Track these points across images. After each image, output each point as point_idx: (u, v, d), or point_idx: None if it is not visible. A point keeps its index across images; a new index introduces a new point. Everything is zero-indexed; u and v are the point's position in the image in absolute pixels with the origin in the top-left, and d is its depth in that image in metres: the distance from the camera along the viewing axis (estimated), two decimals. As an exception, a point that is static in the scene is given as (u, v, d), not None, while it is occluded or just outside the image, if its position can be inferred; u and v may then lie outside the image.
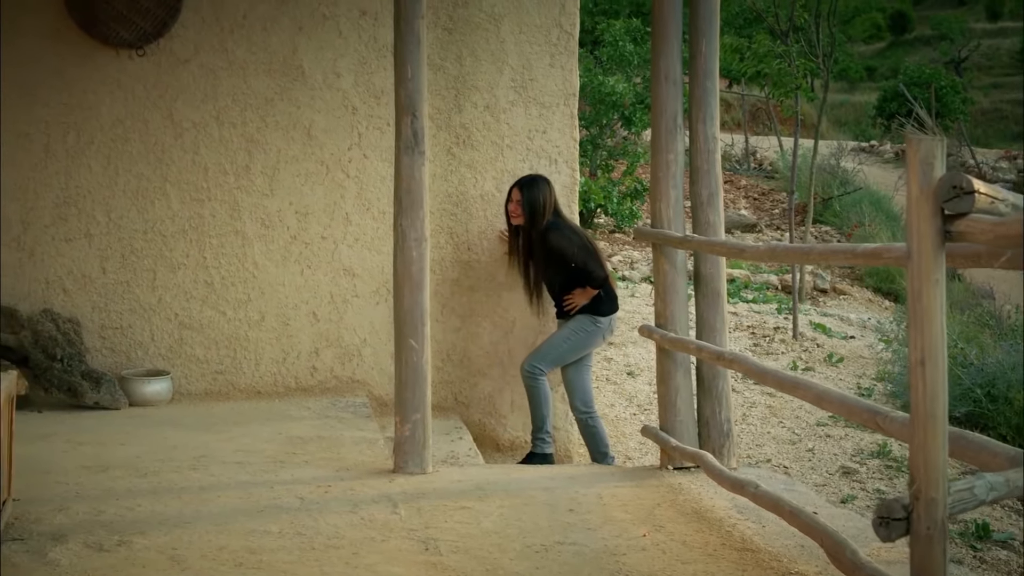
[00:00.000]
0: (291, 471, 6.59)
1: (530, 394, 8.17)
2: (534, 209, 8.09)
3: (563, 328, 8.21)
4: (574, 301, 8.13)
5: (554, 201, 8.21)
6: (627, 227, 19.98)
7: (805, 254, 5.39)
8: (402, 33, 6.54)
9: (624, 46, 21.12)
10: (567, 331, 8.15)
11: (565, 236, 8.13)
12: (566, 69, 8.76)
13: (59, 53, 8.43)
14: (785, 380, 5.27)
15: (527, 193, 8.12)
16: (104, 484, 6.24)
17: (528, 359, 8.17)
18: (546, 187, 8.17)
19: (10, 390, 5.38)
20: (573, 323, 8.14)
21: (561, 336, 8.17)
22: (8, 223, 8.44)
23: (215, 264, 8.57)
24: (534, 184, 8.17)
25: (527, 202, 8.10)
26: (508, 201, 8.24)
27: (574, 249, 8.08)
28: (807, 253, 5.31)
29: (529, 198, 8.10)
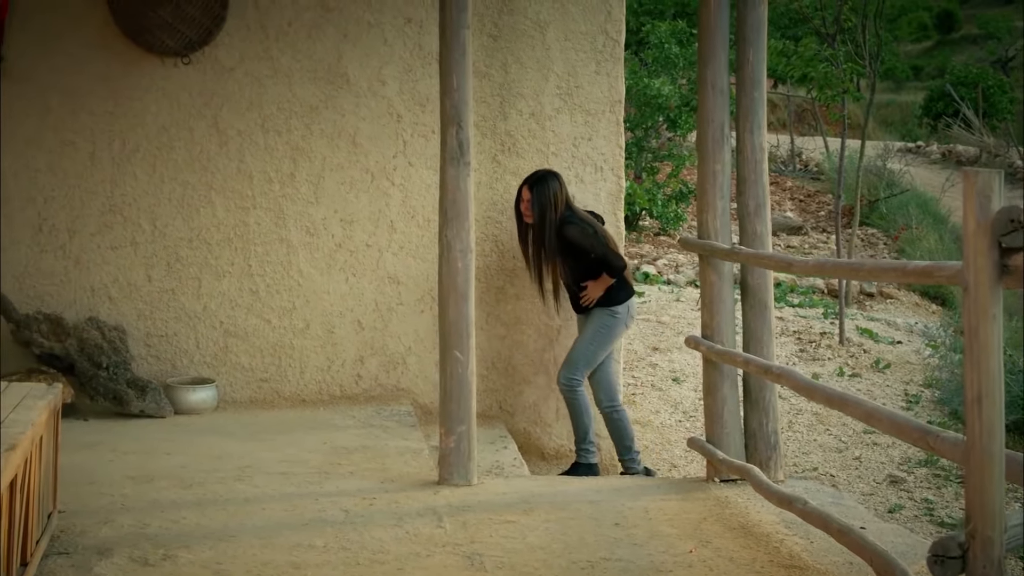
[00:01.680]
0: (336, 482, 6.57)
1: (570, 406, 8.12)
2: (544, 206, 7.96)
3: (584, 331, 8.14)
4: (589, 295, 8.05)
5: (565, 194, 8.09)
6: (672, 230, 19.89)
7: (855, 270, 5.32)
8: (448, 43, 6.51)
9: (669, 48, 21.03)
10: (589, 333, 8.09)
11: (581, 228, 8.01)
12: (612, 76, 8.71)
13: (105, 61, 8.45)
14: (834, 396, 5.21)
15: (537, 191, 8.01)
16: (149, 495, 6.24)
17: (562, 371, 8.11)
18: (555, 182, 8.05)
19: (56, 403, 5.37)
20: (592, 323, 8.08)
21: (585, 340, 8.09)
22: (54, 231, 8.47)
23: (260, 272, 8.57)
24: (543, 181, 8.04)
25: (537, 200, 7.99)
26: (519, 201, 8.15)
27: (592, 240, 7.98)
28: (857, 269, 5.25)
29: (539, 196, 7.98)
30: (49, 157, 8.45)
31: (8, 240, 8.44)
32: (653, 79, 20.34)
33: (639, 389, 11.66)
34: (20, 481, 4.35)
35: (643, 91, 19.88)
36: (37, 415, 4.80)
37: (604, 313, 8.04)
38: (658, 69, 21.32)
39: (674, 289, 16.02)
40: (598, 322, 8.05)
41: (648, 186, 19.86)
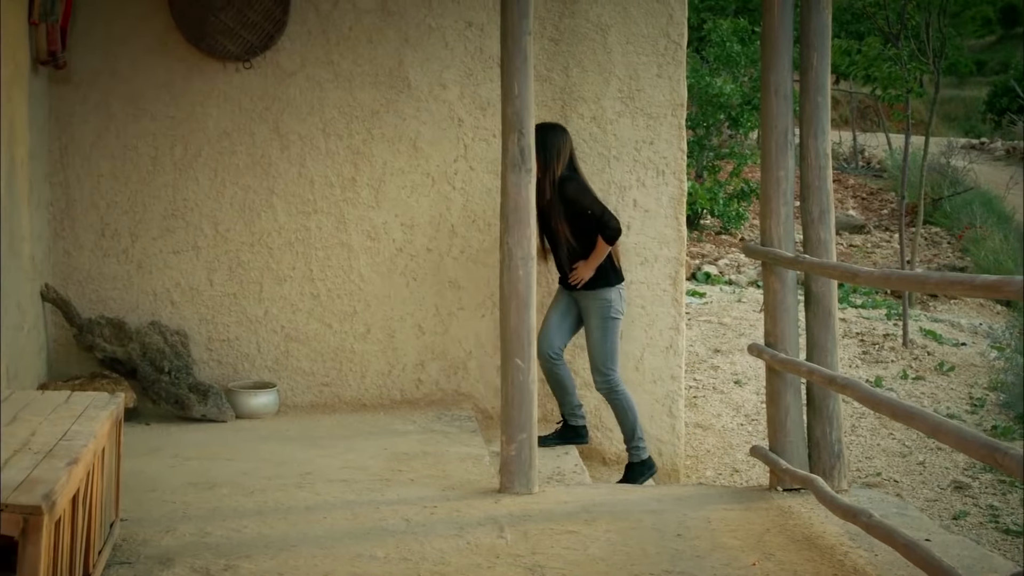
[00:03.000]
0: (397, 490, 6.56)
1: (615, 407, 8.04)
2: (547, 155, 7.79)
3: (589, 330, 7.99)
4: (580, 275, 7.89)
5: (570, 153, 7.95)
6: (733, 229, 19.83)
7: (921, 283, 5.24)
8: (509, 50, 6.47)
9: (731, 46, 20.92)
10: (595, 332, 7.94)
11: (579, 185, 7.91)
12: (674, 79, 8.65)
13: (167, 67, 8.48)
14: (899, 409, 5.15)
15: (541, 137, 7.64)
16: (211, 503, 6.24)
17: (595, 378, 8.00)
18: (562, 135, 7.93)
19: (118, 413, 5.39)
20: (591, 320, 7.94)
21: (596, 339, 7.95)
22: (117, 236, 8.51)
23: (321, 276, 8.58)
24: (548, 129, 7.89)
25: (540, 146, 7.61)
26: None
27: (590, 199, 7.84)
28: (923, 282, 5.17)
29: (541, 142, 7.64)
30: (112, 162, 8.50)
31: (72, 245, 8.49)
32: (714, 77, 20.26)
33: (701, 392, 11.61)
34: (83, 494, 4.36)
35: (705, 90, 19.82)
36: (100, 426, 4.81)
37: (599, 305, 7.89)
38: (719, 67, 21.23)
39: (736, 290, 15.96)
40: (597, 317, 7.91)
41: (709, 185, 19.77)
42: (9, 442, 4.37)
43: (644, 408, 8.63)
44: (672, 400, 8.72)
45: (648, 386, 8.68)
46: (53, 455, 4.16)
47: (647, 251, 8.63)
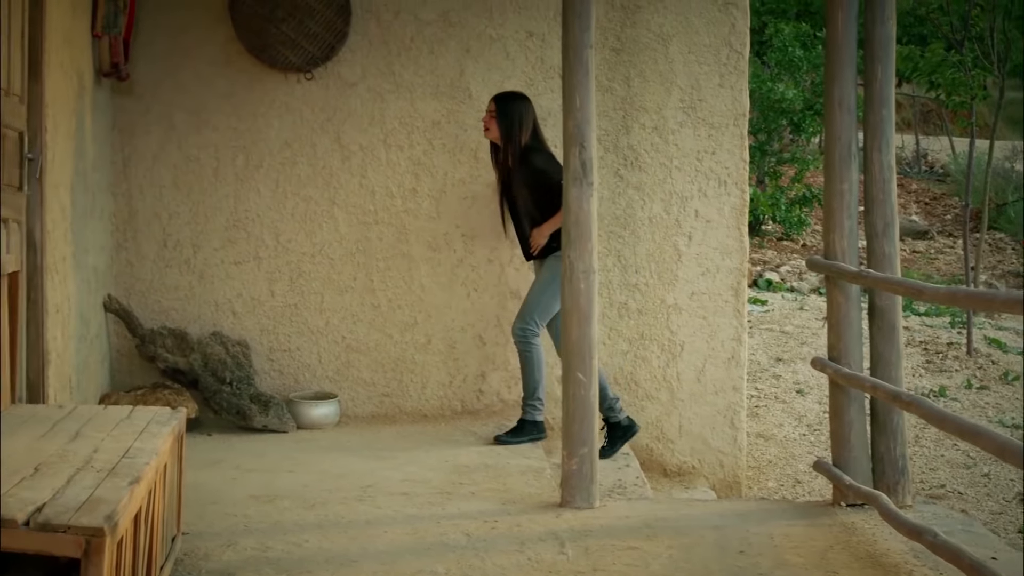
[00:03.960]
0: (457, 503, 6.54)
1: (523, 359, 7.93)
2: (510, 123, 7.80)
3: (537, 280, 7.96)
4: (535, 241, 7.85)
5: (533, 124, 7.90)
6: (795, 235, 19.70)
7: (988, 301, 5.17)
8: (570, 62, 6.44)
9: (793, 51, 20.80)
10: (542, 282, 7.87)
11: (548, 156, 7.88)
12: (736, 89, 8.61)
13: (229, 78, 8.52)
14: (966, 428, 5.08)
15: (502, 106, 7.83)
16: (272, 516, 6.24)
17: (516, 323, 7.93)
18: (523, 103, 7.89)
19: (180, 428, 5.40)
20: (545, 271, 7.87)
21: (537, 290, 7.90)
22: (179, 246, 8.55)
23: (382, 287, 8.58)
24: (513, 99, 7.90)
25: (502, 115, 7.80)
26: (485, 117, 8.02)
27: (556, 168, 7.67)
28: (990, 300, 5.10)
29: (505, 111, 7.80)
30: (174, 173, 8.54)
31: (134, 255, 8.54)
32: (776, 83, 20.15)
33: (762, 401, 11.54)
34: (144, 512, 4.36)
35: (766, 95, 19.72)
36: (161, 442, 4.82)
37: (557, 263, 7.60)
38: (781, 72, 21.11)
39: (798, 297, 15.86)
40: (551, 270, 7.78)
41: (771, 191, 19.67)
42: (72, 459, 4.38)
43: (706, 420, 8.61)
44: (734, 412, 8.67)
45: (710, 397, 8.63)
46: (116, 473, 4.17)
47: (709, 261, 8.59)
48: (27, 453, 4.44)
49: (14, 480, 3.97)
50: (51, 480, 4.01)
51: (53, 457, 4.38)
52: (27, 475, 4.06)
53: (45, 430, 4.94)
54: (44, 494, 3.80)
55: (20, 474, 4.07)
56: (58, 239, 7.00)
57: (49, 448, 4.56)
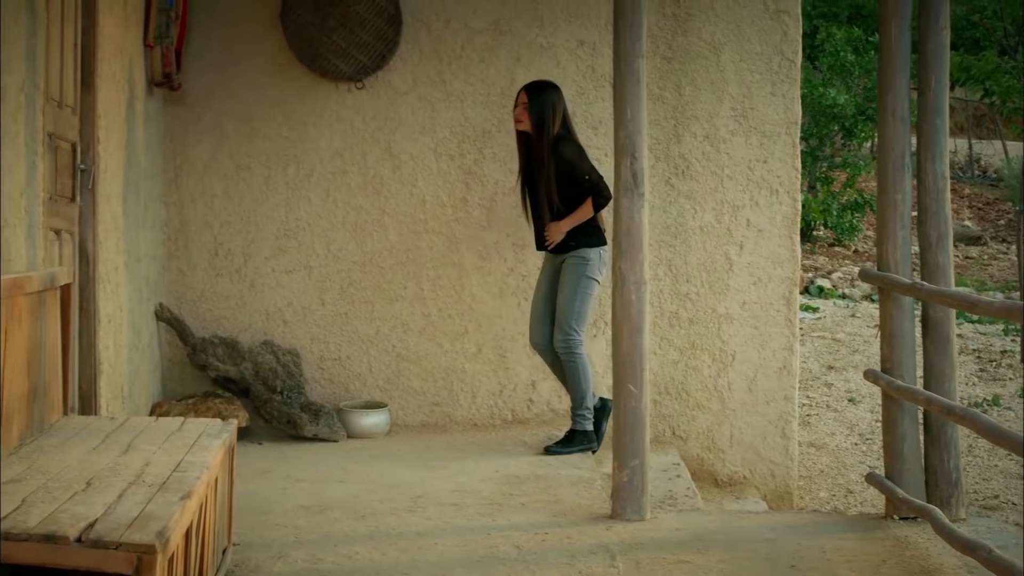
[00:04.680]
0: (508, 515, 6.51)
1: (570, 369, 7.87)
2: (542, 115, 7.76)
3: (562, 287, 7.86)
4: (551, 237, 7.82)
5: (564, 111, 7.87)
6: (847, 240, 19.61)
7: (1045, 315, 5.14)
8: (621, 73, 6.41)
9: (845, 56, 20.70)
10: (569, 288, 7.81)
11: (578, 148, 7.87)
12: (788, 97, 8.56)
13: (280, 87, 8.55)
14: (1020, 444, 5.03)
15: (535, 98, 7.79)
16: (323, 527, 6.23)
17: (556, 335, 7.85)
18: (557, 94, 7.86)
19: (231, 440, 5.40)
20: (568, 276, 7.82)
21: (568, 295, 7.82)
22: (230, 255, 8.58)
23: (432, 296, 8.58)
24: (544, 89, 7.86)
25: (535, 106, 7.77)
26: (515, 108, 7.95)
27: (588, 165, 7.80)
28: (1047, 314, 5.06)
29: (538, 103, 7.77)
30: (225, 182, 8.58)
31: (185, 264, 8.57)
32: (828, 88, 20.06)
33: (814, 410, 11.48)
34: (195, 526, 4.36)
35: (818, 100, 19.63)
36: (213, 455, 4.82)
37: (576, 263, 7.79)
38: (832, 76, 21.01)
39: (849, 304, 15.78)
40: (574, 275, 7.79)
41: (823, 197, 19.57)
42: (124, 473, 4.38)
43: (757, 430, 8.57)
44: (785, 421, 8.62)
45: (761, 407, 8.59)
46: (167, 488, 4.17)
47: (760, 271, 8.55)
48: (79, 467, 4.45)
49: (67, 495, 3.97)
50: (103, 495, 4.01)
51: (105, 471, 4.39)
52: (79, 490, 4.06)
53: (97, 443, 4.95)
54: (96, 509, 3.80)
55: (72, 488, 4.07)
56: (110, 249, 7.03)
57: (101, 461, 4.57)
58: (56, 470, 4.36)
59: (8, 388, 4.66)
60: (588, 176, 7.77)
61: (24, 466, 4.42)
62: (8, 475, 4.24)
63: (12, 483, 4.12)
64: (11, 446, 4.73)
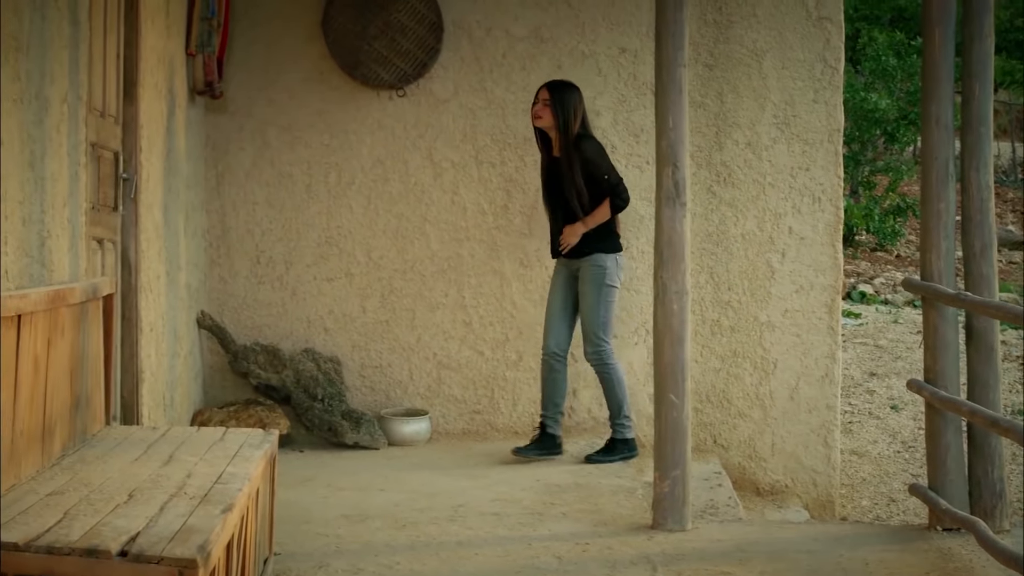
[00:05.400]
0: (548, 525, 6.50)
1: (604, 380, 7.89)
2: (566, 112, 7.72)
3: (583, 297, 7.82)
4: (566, 240, 7.77)
5: (583, 114, 7.82)
6: (889, 245, 19.50)
7: (1091, 328, 5.10)
8: (663, 82, 6.39)
9: (887, 60, 20.59)
10: (590, 298, 7.77)
11: (600, 148, 7.85)
12: (830, 105, 8.52)
13: (321, 95, 8.57)
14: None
15: (557, 95, 7.74)
16: (363, 537, 6.23)
17: (586, 348, 7.88)
18: (578, 94, 7.82)
19: (272, 451, 5.41)
20: (587, 286, 7.78)
21: (590, 305, 7.79)
22: (271, 263, 8.60)
23: (473, 304, 8.58)
24: (566, 87, 7.82)
25: (559, 103, 7.71)
26: (534, 105, 7.86)
27: (608, 164, 7.78)
28: (1094, 327, 5.03)
29: (560, 100, 7.72)
30: (267, 190, 8.60)
31: (227, 272, 8.60)
32: (869, 92, 19.96)
33: (856, 417, 11.41)
34: (237, 538, 4.37)
35: (860, 104, 19.52)
36: (254, 467, 4.82)
37: (594, 272, 7.76)
38: (874, 80, 20.89)
39: (892, 310, 15.67)
40: (594, 285, 7.77)
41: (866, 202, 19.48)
42: (165, 485, 4.39)
43: (799, 438, 8.53)
44: (827, 430, 8.57)
45: (803, 416, 8.54)
46: (208, 500, 4.17)
47: (802, 279, 8.51)
48: (121, 478, 4.46)
49: (109, 507, 3.98)
50: (144, 507, 4.02)
51: (146, 483, 4.40)
52: (121, 502, 4.07)
53: (139, 453, 4.97)
54: (137, 523, 3.80)
55: (114, 501, 4.08)
56: (152, 258, 7.06)
57: (143, 473, 4.58)
58: (98, 482, 4.37)
59: (51, 399, 4.68)
60: (608, 176, 7.75)
61: (66, 477, 4.43)
62: (51, 487, 4.26)
63: (55, 495, 4.13)
64: (54, 457, 4.75)
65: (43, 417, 4.60)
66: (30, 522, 3.74)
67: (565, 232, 7.80)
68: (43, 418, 4.60)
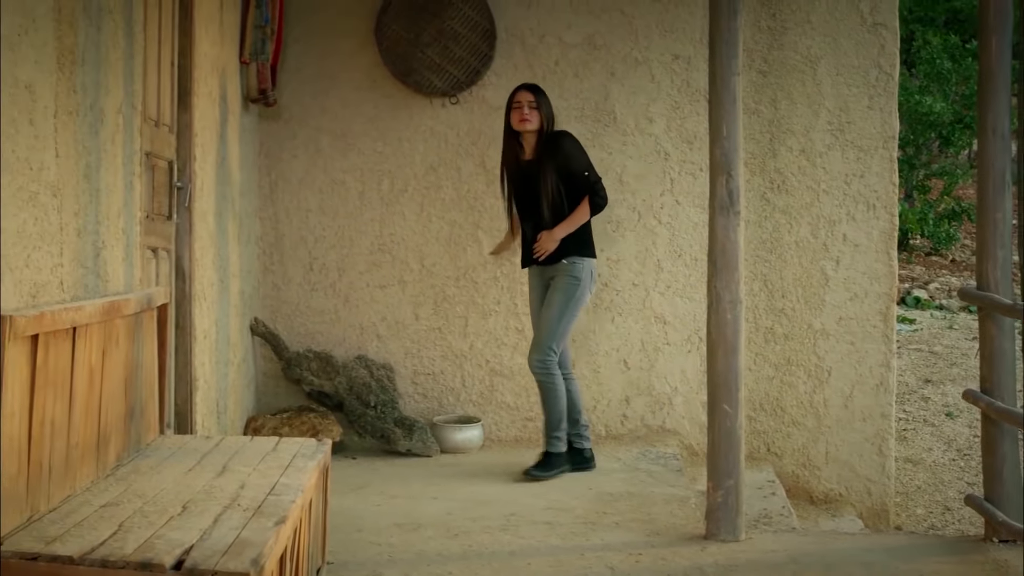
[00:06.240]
0: (601, 534, 6.47)
1: (546, 391, 7.63)
2: (550, 114, 7.60)
3: (549, 303, 7.57)
4: (543, 246, 7.53)
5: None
6: (944, 249, 19.37)
7: None
8: (717, 90, 6.35)
9: (942, 64, 20.45)
10: (557, 306, 7.53)
11: (578, 142, 7.65)
12: (885, 111, 8.47)
13: (374, 102, 8.59)
14: None
15: (541, 97, 7.59)
16: (416, 546, 6.21)
17: (532, 355, 7.60)
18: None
19: (325, 461, 5.41)
20: (557, 294, 7.54)
21: (555, 314, 7.53)
22: (325, 270, 8.62)
23: (525, 311, 8.56)
24: (542, 91, 7.66)
25: (544, 105, 7.56)
26: (511, 109, 7.61)
27: (588, 160, 7.59)
28: None
29: (544, 101, 7.58)
30: (320, 197, 8.62)
31: (280, 279, 8.62)
32: (924, 95, 19.83)
33: (911, 424, 11.34)
34: (290, 550, 4.37)
35: (914, 108, 19.40)
36: (307, 478, 4.82)
37: (569, 282, 7.52)
38: (930, 84, 20.76)
39: (947, 315, 15.56)
40: (564, 295, 7.53)
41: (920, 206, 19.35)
42: (219, 496, 4.40)
43: (853, 447, 8.49)
44: (882, 439, 8.52)
45: (857, 424, 8.49)
46: (262, 513, 4.17)
47: (857, 286, 8.46)
48: (175, 489, 4.47)
49: (162, 519, 3.99)
50: (198, 520, 4.02)
51: (200, 494, 4.41)
52: (175, 514, 4.08)
53: (192, 464, 4.97)
54: (191, 535, 3.81)
55: (168, 513, 4.09)
56: (206, 266, 7.08)
57: (196, 484, 4.59)
58: (152, 493, 4.39)
59: (106, 410, 4.70)
60: (588, 172, 7.57)
61: (121, 488, 4.45)
62: (105, 498, 4.28)
63: (109, 507, 4.15)
64: (108, 467, 4.77)
65: (98, 428, 4.62)
66: (85, 535, 3.76)
67: (542, 238, 7.58)
68: (98, 429, 4.62)
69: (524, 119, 7.55)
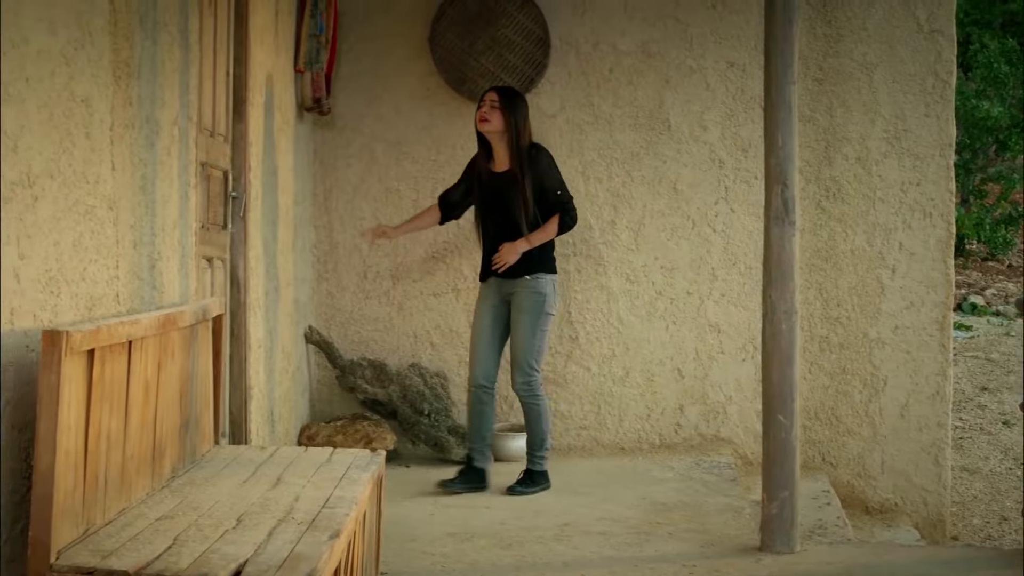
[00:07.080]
0: (655, 545, 6.44)
1: (532, 412, 7.53)
2: (518, 118, 7.35)
3: (518, 324, 7.42)
4: (504, 258, 7.37)
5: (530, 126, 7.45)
6: (1001, 255, 19.22)
7: None
8: (772, 100, 6.32)
9: (999, 68, 20.29)
10: (526, 326, 7.38)
11: (553, 160, 7.49)
12: (942, 119, 8.41)
13: (428, 111, 8.59)
14: None
15: (508, 99, 7.37)
16: (469, 556, 6.21)
17: (516, 377, 7.48)
18: (526, 105, 7.46)
19: (379, 472, 5.41)
20: (523, 314, 7.39)
21: (526, 333, 7.39)
22: (378, 278, 8.63)
23: (580, 319, 8.55)
24: (515, 93, 7.48)
25: (510, 108, 7.33)
26: (479, 108, 7.42)
27: (561, 179, 7.46)
28: None
29: (512, 105, 7.35)
30: (374, 205, 8.64)
31: (335, 287, 8.65)
32: (981, 100, 19.68)
33: (967, 433, 11.26)
34: (344, 564, 4.37)
35: (971, 112, 19.26)
36: (361, 490, 4.82)
37: (533, 299, 7.38)
38: (986, 88, 20.59)
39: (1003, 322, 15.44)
40: (531, 313, 7.39)
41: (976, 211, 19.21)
42: (273, 509, 4.40)
43: (909, 456, 8.43)
44: (938, 448, 8.46)
45: (913, 434, 8.44)
46: (316, 526, 4.17)
47: (913, 295, 8.40)
48: (230, 502, 4.48)
49: (217, 533, 4.00)
50: (253, 533, 4.03)
51: (255, 507, 4.41)
52: (229, 527, 4.09)
53: (247, 475, 4.99)
54: (246, 549, 3.82)
55: (223, 526, 4.10)
56: (261, 274, 7.10)
57: (251, 496, 4.60)
58: (207, 505, 4.40)
59: (161, 422, 4.71)
60: (560, 191, 7.46)
61: (176, 500, 4.46)
62: (161, 511, 4.29)
63: (164, 519, 4.16)
64: (163, 479, 4.79)
65: (153, 440, 4.63)
66: (140, 548, 3.77)
67: (504, 249, 7.42)
68: (153, 441, 4.63)
69: (483, 118, 7.38)
